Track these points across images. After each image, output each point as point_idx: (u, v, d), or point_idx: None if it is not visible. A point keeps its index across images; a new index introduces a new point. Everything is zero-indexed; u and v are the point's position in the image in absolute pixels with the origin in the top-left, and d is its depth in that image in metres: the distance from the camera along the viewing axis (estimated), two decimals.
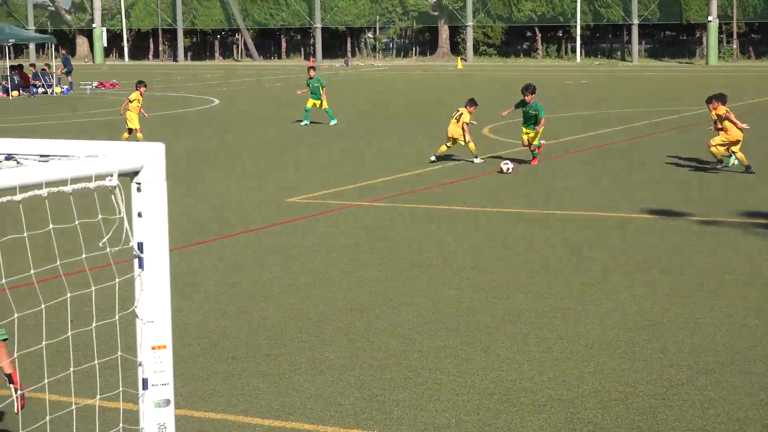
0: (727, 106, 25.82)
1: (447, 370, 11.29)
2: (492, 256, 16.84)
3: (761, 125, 34.39)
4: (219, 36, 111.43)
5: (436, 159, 27.99)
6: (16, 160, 5.13)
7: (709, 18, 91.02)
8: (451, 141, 27.81)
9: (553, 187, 24.04)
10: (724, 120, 25.39)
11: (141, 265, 5.22)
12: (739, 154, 25.46)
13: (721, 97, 25.88)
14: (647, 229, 18.88)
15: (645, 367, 11.29)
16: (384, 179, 24.73)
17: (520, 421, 9.82)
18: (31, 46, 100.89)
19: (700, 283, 14.88)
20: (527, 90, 27.15)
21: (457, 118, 27.77)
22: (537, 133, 27.16)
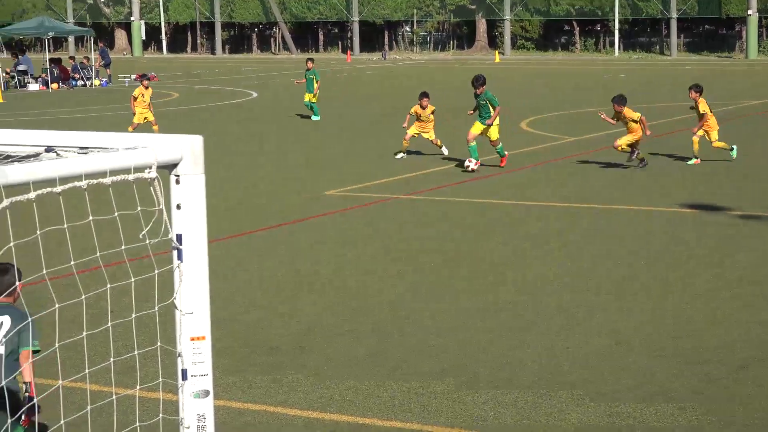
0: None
1: (485, 362, 11.26)
2: (529, 249, 16.78)
3: None
4: (256, 29, 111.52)
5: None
6: (56, 152, 5.14)
7: (749, 12, 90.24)
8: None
9: (592, 179, 23.92)
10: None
11: (180, 257, 5.23)
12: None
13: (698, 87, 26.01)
14: (686, 224, 18.76)
15: (683, 362, 11.22)
16: (422, 172, 24.65)
17: (559, 414, 9.78)
18: (71, 39, 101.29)
19: (739, 278, 14.77)
20: (477, 82, 25.84)
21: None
22: (494, 126, 25.35)
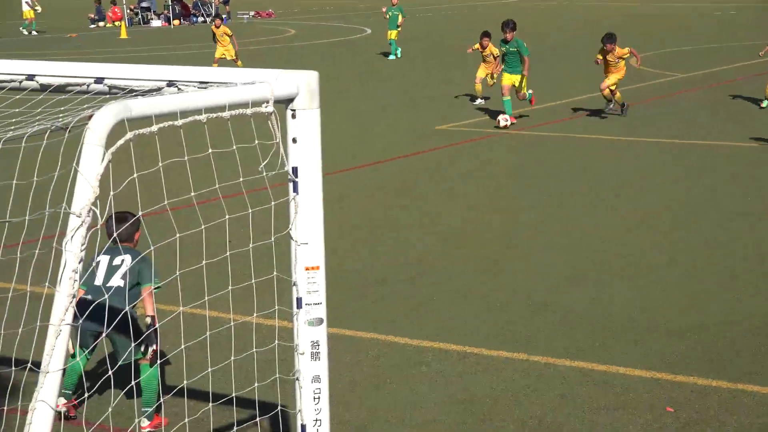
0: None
1: (585, 299, 11.19)
2: (634, 185, 16.57)
3: None
4: None
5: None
6: (177, 86, 5.20)
7: None
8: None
9: (695, 117, 23.48)
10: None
11: (296, 189, 5.27)
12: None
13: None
14: None
15: None
16: (535, 108, 24.41)
17: (661, 348, 9.69)
18: None
19: None
20: (507, 27, 23.10)
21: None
22: (523, 77, 22.99)
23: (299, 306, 5.36)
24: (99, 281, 7.82)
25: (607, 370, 9.16)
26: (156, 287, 7.88)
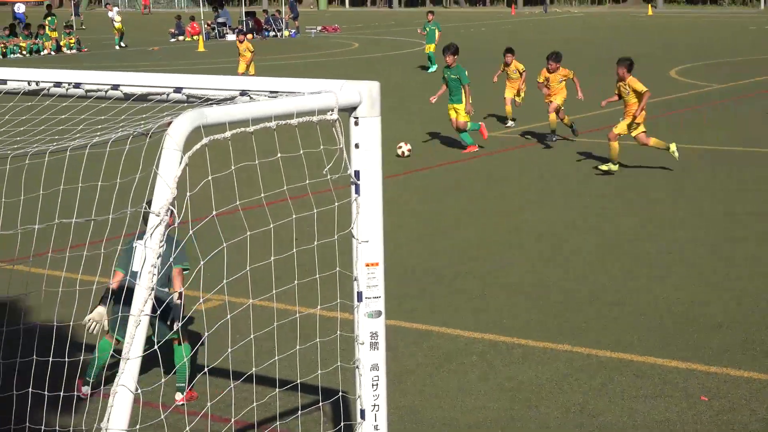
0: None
1: (628, 292, 11.10)
2: (673, 187, 16.41)
3: None
4: None
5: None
6: (249, 95, 5.22)
7: None
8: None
9: (734, 123, 23.18)
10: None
11: (357, 191, 5.27)
12: None
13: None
14: None
15: None
16: (582, 115, 24.19)
17: (697, 340, 9.58)
18: None
19: None
20: (448, 50, 19.60)
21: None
22: (464, 106, 19.67)
23: (359, 299, 5.36)
24: (136, 267, 7.74)
25: (645, 361, 9.09)
26: (185, 268, 7.94)
